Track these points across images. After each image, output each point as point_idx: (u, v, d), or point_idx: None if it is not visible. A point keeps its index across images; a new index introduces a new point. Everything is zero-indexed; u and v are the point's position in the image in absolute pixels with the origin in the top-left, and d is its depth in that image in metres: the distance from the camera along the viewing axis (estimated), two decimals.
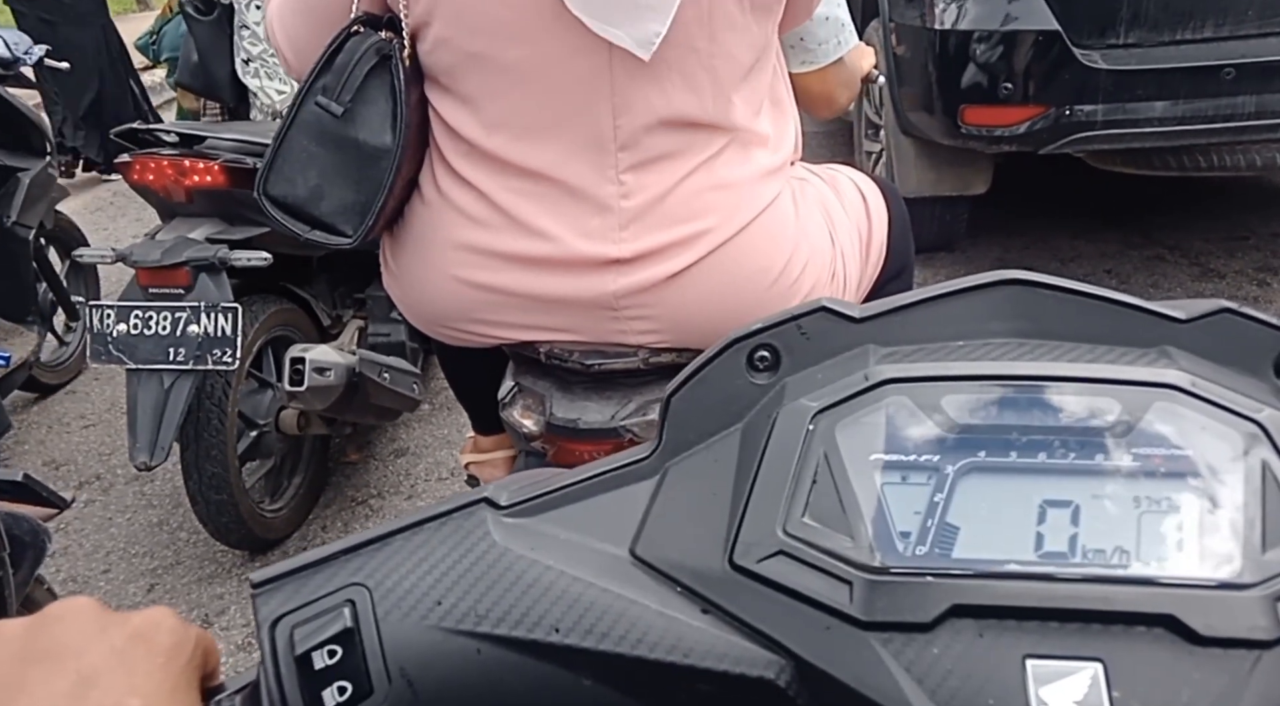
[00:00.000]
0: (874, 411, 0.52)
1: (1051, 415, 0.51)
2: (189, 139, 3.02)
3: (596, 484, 0.57)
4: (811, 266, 1.55)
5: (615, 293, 1.48)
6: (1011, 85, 3.88)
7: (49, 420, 4.25)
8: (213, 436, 2.92)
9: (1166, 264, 4.66)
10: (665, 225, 1.46)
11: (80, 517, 3.54)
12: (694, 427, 0.57)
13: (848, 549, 0.50)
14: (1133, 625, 0.47)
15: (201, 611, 3.06)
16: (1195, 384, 0.51)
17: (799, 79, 1.80)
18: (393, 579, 0.54)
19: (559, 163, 1.45)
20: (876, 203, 1.82)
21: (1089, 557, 0.49)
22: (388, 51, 1.47)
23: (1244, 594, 0.47)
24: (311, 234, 1.52)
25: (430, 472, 3.66)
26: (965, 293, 0.56)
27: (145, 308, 2.78)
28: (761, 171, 1.51)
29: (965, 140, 4.12)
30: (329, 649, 0.52)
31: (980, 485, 0.50)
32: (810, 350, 0.57)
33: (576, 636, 0.52)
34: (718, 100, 1.45)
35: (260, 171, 1.52)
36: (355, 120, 1.48)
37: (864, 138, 5.26)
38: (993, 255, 4.85)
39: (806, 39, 1.82)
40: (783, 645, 0.50)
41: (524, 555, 0.55)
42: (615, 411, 1.58)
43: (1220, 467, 0.49)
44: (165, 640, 0.53)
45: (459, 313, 1.57)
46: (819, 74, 1.89)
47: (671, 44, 1.39)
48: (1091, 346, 0.54)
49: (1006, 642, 0.48)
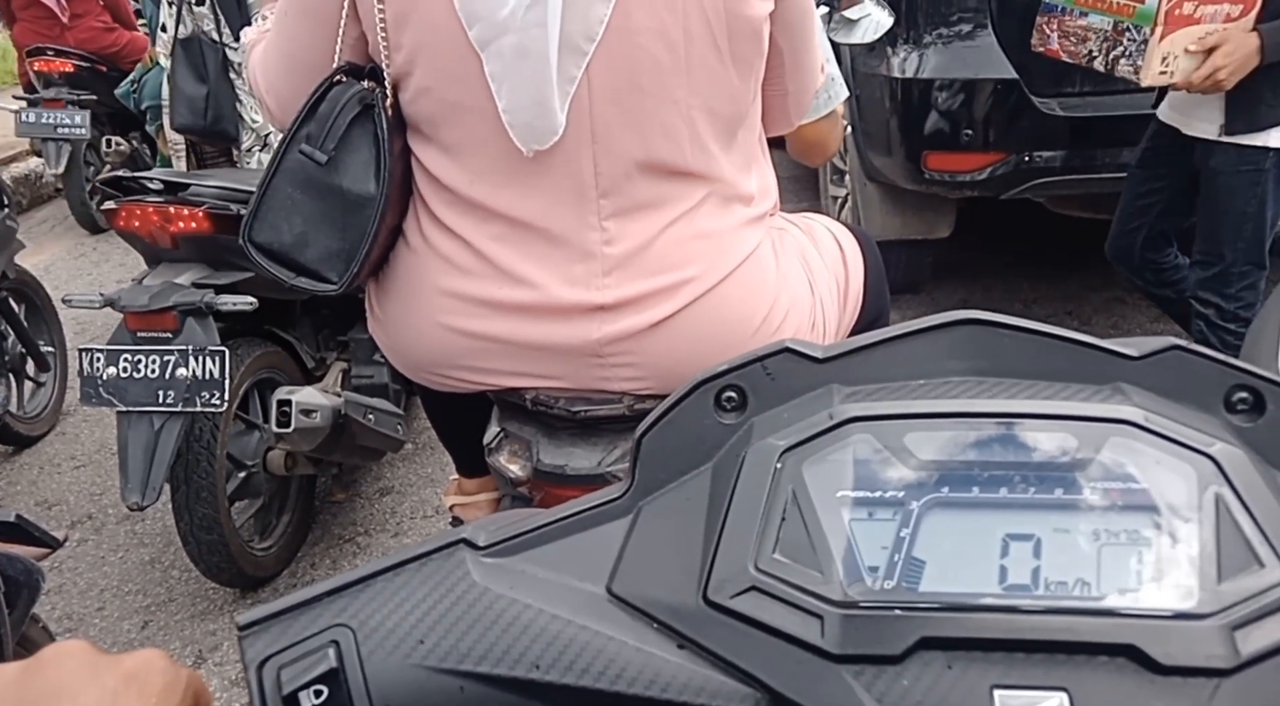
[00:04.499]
0: (840, 449, 0.53)
1: (1012, 451, 0.52)
2: (174, 186, 3.03)
3: (572, 523, 0.59)
4: (792, 315, 1.56)
5: (599, 339, 1.48)
6: (972, 132, 3.92)
7: (40, 461, 4.23)
8: (202, 477, 2.92)
9: (1126, 306, 4.72)
10: (648, 273, 1.47)
11: (74, 556, 3.53)
12: (665, 467, 0.58)
13: (818, 584, 0.51)
14: (1095, 655, 0.49)
15: (195, 647, 3.06)
16: (1149, 419, 0.52)
17: (795, 131, 1.83)
18: (376, 619, 0.56)
19: (542, 210, 1.46)
20: (853, 251, 1.83)
21: (1052, 589, 0.50)
22: (370, 101, 1.48)
23: (1202, 623, 0.48)
24: (297, 280, 1.53)
25: (415, 511, 3.66)
26: (925, 332, 0.57)
27: (134, 351, 2.79)
28: (742, 221, 1.53)
29: (928, 185, 4.17)
30: (315, 689, 0.53)
31: (945, 520, 0.52)
32: (776, 390, 0.58)
33: (556, 673, 0.53)
34: (696, 150, 1.46)
35: (245, 219, 1.52)
36: (339, 168, 1.49)
37: (829, 183, 5.30)
38: (957, 297, 4.89)
39: None
40: (757, 678, 0.51)
41: (503, 594, 0.56)
42: (601, 457, 1.58)
43: (1176, 501, 0.51)
44: (157, 681, 0.54)
45: (444, 359, 1.57)
46: (813, 126, 1.93)
47: (649, 93, 1.40)
48: (1048, 383, 0.55)
49: (974, 673, 0.49)
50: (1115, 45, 2.89)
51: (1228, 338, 3.14)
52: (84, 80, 6.92)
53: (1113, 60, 2.91)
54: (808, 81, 1.68)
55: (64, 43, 7.01)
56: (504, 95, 1.38)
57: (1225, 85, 2.79)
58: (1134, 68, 2.84)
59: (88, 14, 7.12)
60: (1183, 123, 3.08)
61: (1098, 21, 2.93)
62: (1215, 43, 2.75)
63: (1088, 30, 2.97)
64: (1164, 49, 2.77)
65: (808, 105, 1.74)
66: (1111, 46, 2.91)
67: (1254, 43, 2.74)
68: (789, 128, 1.76)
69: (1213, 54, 2.75)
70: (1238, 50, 2.74)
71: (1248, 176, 2.97)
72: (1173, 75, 2.82)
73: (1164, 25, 2.74)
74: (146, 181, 3.08)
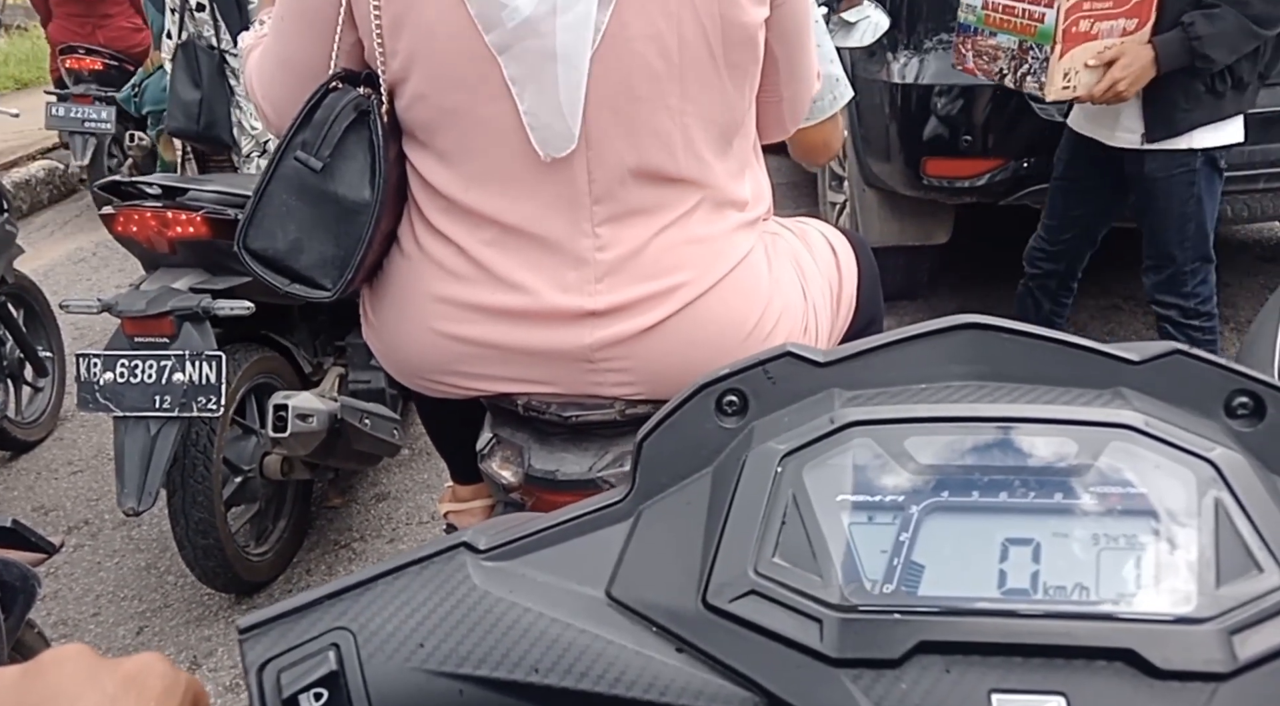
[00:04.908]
0: (840, 453, 0.54)
1: (1012, 455, 0.52)
2: (171, 191, 3.03)
3: (573, 527, 0.59)
4: (785, 320, 1.57)
5: (591, 345, 1.49)
6: (971, 138, 3.95)
7: (37, 466, 4.22)
8: (198, 482, 2.91)
9: (1122, 313, 4.74)
10: (640, 279, 1.48)
11: (69, 562, 3.52)
12: (666, 471, 0.58)
13: (817, 588, 0.51)
14: (1093, 659, 0.49)
15: (190, 653, 3.05)
16: (1149, 424, 0.52)
17: (799, 132, 1.83)
18: (376, 622, 0.56)
19: (535, 217, 1.46)
20: (846, 256, 1.84)
21: (1050, 594, 0.50)
22: (366, 107, 1.48)
23: (1200, 628, 0.48)
24: (291, 287, 1.53)
25: (411, 516, 3.66)
26: (926, 337, 0.58)
27: (131, 356, 2.79)
28: (735, 227, 1.53)
29: (927, 191, 4.18)
30: (315, 691, 0.53)
31: (944, 524, 0.52)
32: (777, 394, 0.58)
33: (556, 676, 0.53)
34: (689, 157, 1.47)
35: (240, 225, 1.52)
36: (334, 175, 1.49)
37: (828, 189, 5.31)
38: (953, 304, 4.89)
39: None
40: (756, 682, 0.51)
41: (503, 598, 0.56)
42: (593, 462, 1.58)
43: (1176, 505, 0.51)
44: (156, 685, 0.54)
45: (437, 365, 1.57)
46: (816, 127, 1.94)
47: (644, 100, 1.41)
48: (1048, 388, 0.55)
49: (973, 677, 0.49)
50: (1021, 63, 3.03)
51: (1195, 334, 3.25)
52: (111, 78, 7.16)
53: (1020, 78, 3.05)
54: (803, 88, 1.68)
55: (94, 41, 7.29)
56: (526, 98, 1.38)
57: (1126, 96, 2.93)
58: (1039, 84, 2.97)
59: (118, 14, 7.36)
60: (1105, 136, 3.18)
61: (1005, 41, 3.08)
62: (1113, 56, 2.89)
63: (997, 49, 3.12)
64: (1065, 65, 2.91)
65: (803, 112, 1.74)
66: (1018, 64, 3.04)
67: (1149, 54, 2.87)
68: (784, 135, 1.77)
69: (1111, 67, 2.89)
70: (1135, 62, 2.87)
71: (1182, 178, 3.08)
72: (1075, 89, 2.95)
73: (1062, 43, 2.88)
74: (145, 186, 3.08)
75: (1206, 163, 3.07)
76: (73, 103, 6.94)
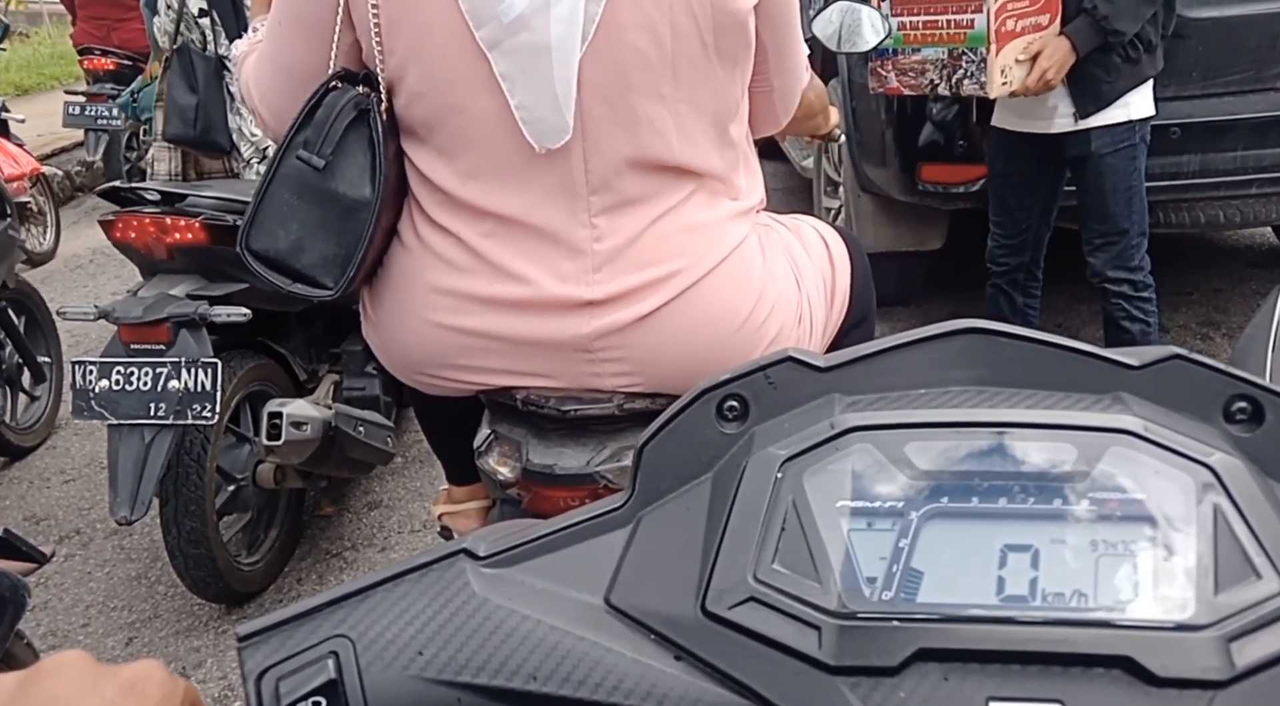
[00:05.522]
0: (840, 459, 0.53)
1: (1011, 461, 0.52)
2: (170, 197, 3.03)
3: (572, 533, 0.59)
4: (779, 309, 1.58)
5: (589, 334, 1.50)
6: (966, 143, 4.02)
7: (29, 475, 4.21)
8: (192, 491, 2.90)
9: None
10: (637, 267, 1.49)
11: (60, 572, 3.51)
12: (666, 477, 0.58)
13: (816, 595, 0.51)
14: (1091, 666, 0.49)
15: (179, 664, 3.03)
16: (1148, 429, 0.52)
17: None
18: (375, 630, 0.55)
19: (533, 208, 1.47)
20: (839, 251, 1.85)
21: (1049, 601, 0.50)
22: (365, 105, 1.49)
23: (1198, 635, 0.48)
24: (293, 287, 1.53)
25: (403, 525, 3.65)
26: (926, 342, 0.58)
27: (127, 363, 2.78)
28: (729, 214, 1.55)
29: (922, 197, 4.22)
30: (314, 700, 0.53)
31: (943, 530, 0.52)
32: (778, 399, 0.58)
33: (554, 684, 0.53)
34: (684, 145, 1.48)
35: (243, 226, 1.53)
36: (335, 173, 1.50)
37: (823, 194, 5.33)
38: (948, 309, 4.89)
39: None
40: (754, 690, 0.51)
41: (502, 605, 0.56)
42: (590, 457, 1.59)
43: (1174, 511, 0.50)
44: (155, 692, 0.54)
45: (436, 358, 1.58)
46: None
47: (637, 89, 1.42)
48: (1048, 393, 0.55)
49: (971, 685, 0.49)
50: (955, 70, 3.22)
51: (1147, 307, 3.47)
52: (125, 77, 7.47)
53: (956, 83, 3.23)
54: (793, 79, 1.70)
55: (109, 43, 7.79)
56: (517, 93, 1.40)
57: (1054, 83, 3.17)
58: (979, 84, 3.18)
59: (133, 17, 7.55)
60: (1043, 126, 3.39)
61: (932, 53, 3.27)
62: (1037, 49, 3.15)
63: (924, 63, 3.30)
64: (1000, 63, 3.13)
65: (794, 102, 1.76)
66: (952, 72, 3.23)
67: (1066, 44, 3.14)
68: (776, 127, 1.78)
69: (1037, 59, 3.15)
70: (1056, 52, 3.14)
71: (1125, 152, 3.31)
72: (1011, 84, 3.18)
73: (996, 43, 3.11)
74: (144, 192, 3.07)
75: (1143, 135, 3.32)
76: (88, 102, 7.56)
